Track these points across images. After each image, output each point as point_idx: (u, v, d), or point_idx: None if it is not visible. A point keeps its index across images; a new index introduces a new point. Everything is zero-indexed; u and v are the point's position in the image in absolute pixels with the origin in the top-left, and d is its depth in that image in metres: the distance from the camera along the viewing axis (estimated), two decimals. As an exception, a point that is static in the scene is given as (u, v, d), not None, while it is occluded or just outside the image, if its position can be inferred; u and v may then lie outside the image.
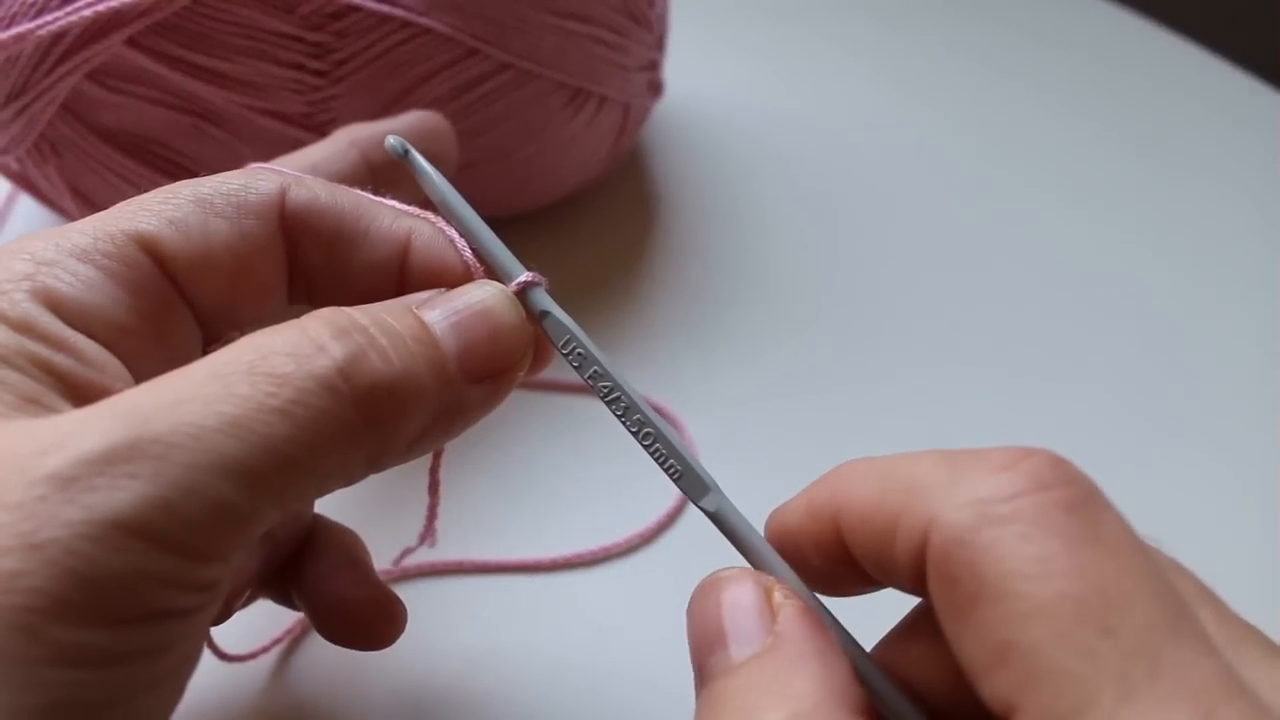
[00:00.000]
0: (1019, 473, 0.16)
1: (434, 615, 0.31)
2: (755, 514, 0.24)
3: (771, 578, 0.19)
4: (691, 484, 0.21)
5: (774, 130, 0.52)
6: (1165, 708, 0.14)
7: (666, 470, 0.22)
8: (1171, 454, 0.38)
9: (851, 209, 0.48)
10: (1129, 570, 0.15)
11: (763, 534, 0.21)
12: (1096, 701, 0.14)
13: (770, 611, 0.18)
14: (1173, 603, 0.15)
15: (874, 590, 0.20)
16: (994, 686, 0.15)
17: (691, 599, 0.20)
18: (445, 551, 0.33)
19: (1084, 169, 0.51)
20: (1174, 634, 0.14)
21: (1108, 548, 0.15)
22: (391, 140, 0.24)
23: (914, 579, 0.17)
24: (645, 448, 0.22)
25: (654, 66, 0.43)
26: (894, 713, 0.19)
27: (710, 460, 0.37)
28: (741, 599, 0.19)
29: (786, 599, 0.19)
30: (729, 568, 0.20)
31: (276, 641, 0.30)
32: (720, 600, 0.19)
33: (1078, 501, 0.16)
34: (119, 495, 0.16)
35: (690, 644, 0.19)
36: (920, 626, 0.19)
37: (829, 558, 0.19)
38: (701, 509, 0.21)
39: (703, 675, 0.18)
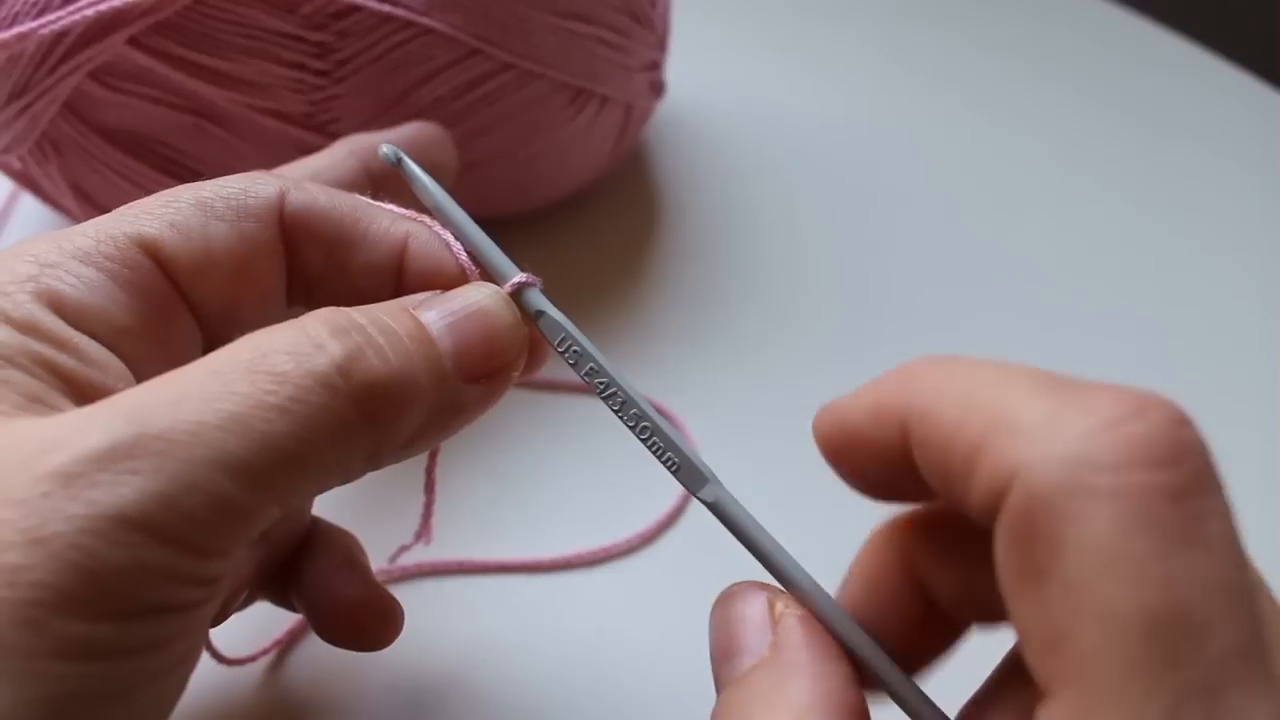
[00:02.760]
0: (1130, 436, 0.14)
1: (434, 615, 0.31)
2: (757, 512, 0.24)
3: (779, 588, 0.20)
4: (690, 475, 0.22)
5: (776, 130, 0.52)
6: None
7: (664, 463, 0.22)
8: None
9: (854, 209, 0.48)
10: (1219, 586, 0.14)
11: (816, 428, 0.19)
12: None
13: (772, 622, 0.19)
14: (1250, 629, 0.14)
15: (927, 501, 0.19)
16: (1038, 662, 0.14)
17: (711, 612, 0.20)
18: (445, 551, 0.33)
19: (1083, 169, 0.51)
20: (1243, 671, 0.13)
21: (1204, 553, 0.14)
22: (385, 149, 0.24)
23: (984, 515, 0.15)
24: (643, 441, 0.22)
25: (656, 66, 0.43)
26: (910, 708, 0.19)
27: (712, 460, 0.36)
28: (746, 611, 0.19)
29: (787, 609, 0.19)
30: (743, 582, 0.20)
31: (277, 643, 0.30)
32: (729, 614, 0.19)
33: (1187, 488, 0.14)
34: (121, 490, 0.16)
35: (710, 656, 0.19)
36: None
37: (889, 465, 0.18)
38: (700, 500, 0.21)
39: (719, 686, 0.19)
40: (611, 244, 0.45)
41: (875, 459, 0.18)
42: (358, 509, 0.33)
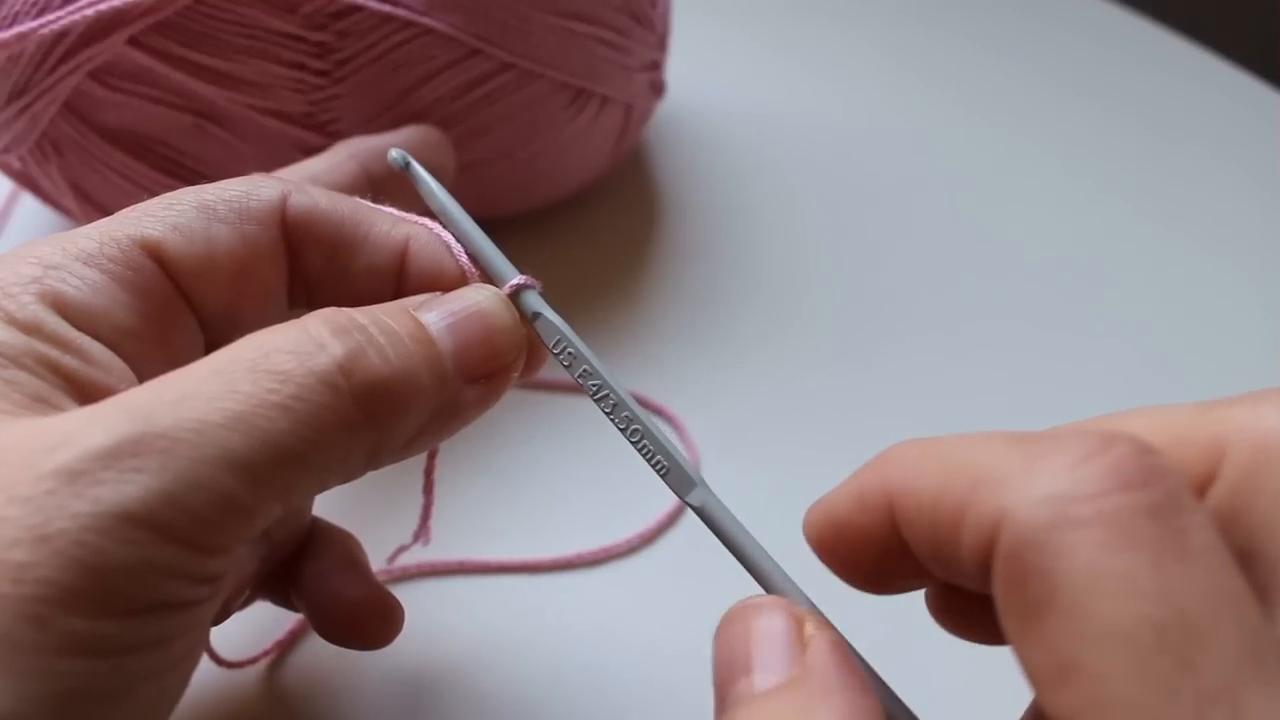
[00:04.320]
0: (1102, 466, 0.14)
1: (434, 615, 0.31)
2: (757, 513, 0.24)
3: (804, 608, 0.19)
4: (678, 479, 0.22)
5: (776, 130, 0.52)
6: None
7: (654, 466, 0.22)
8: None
9: (854, 209, 0.48)
10: (1215, 590, 0.14)
11: (806, 527, 0.19)
12: None
13: (800, 643, 0.18)
14: (1257, 629, 0.14)
15: (926, 586, 0.19)
16: (1055, 703, 0.14)
17: (720, 624, 0.19)
18: (445, 551, 0.33)
19: (1083, 169, 0.51)
20: (1258, 669, 0.13)
21: (1194, 563, 0.14)
22: (394, 153, 0.25)
23: (979, 576, 0.16)
24: (633, 444, 0.22)
25: (656, 67, 0.43)
26: None
27: (711, 460, 0.37)
28: (772, 627, 0.18)
29: (819, 630, 0.18)
30: (760, 595, 0.19)
31: (278, 644, 0.30)
32: (750, 627, 0.18)
33: (1165, 506, 0.14)
34: (125, 488, 0.17)
35: (714, 669, 0.18)
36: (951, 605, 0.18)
37: (882, 551, 0.18)
38: (688, 504, 0.22)
39: (724, 702, 0.18)
40: (611, 244, 0.45)
41: (867, 547, 0.18)
42: (358, 509, 0.33)
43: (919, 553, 0.17)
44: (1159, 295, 0.45)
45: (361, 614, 0.26)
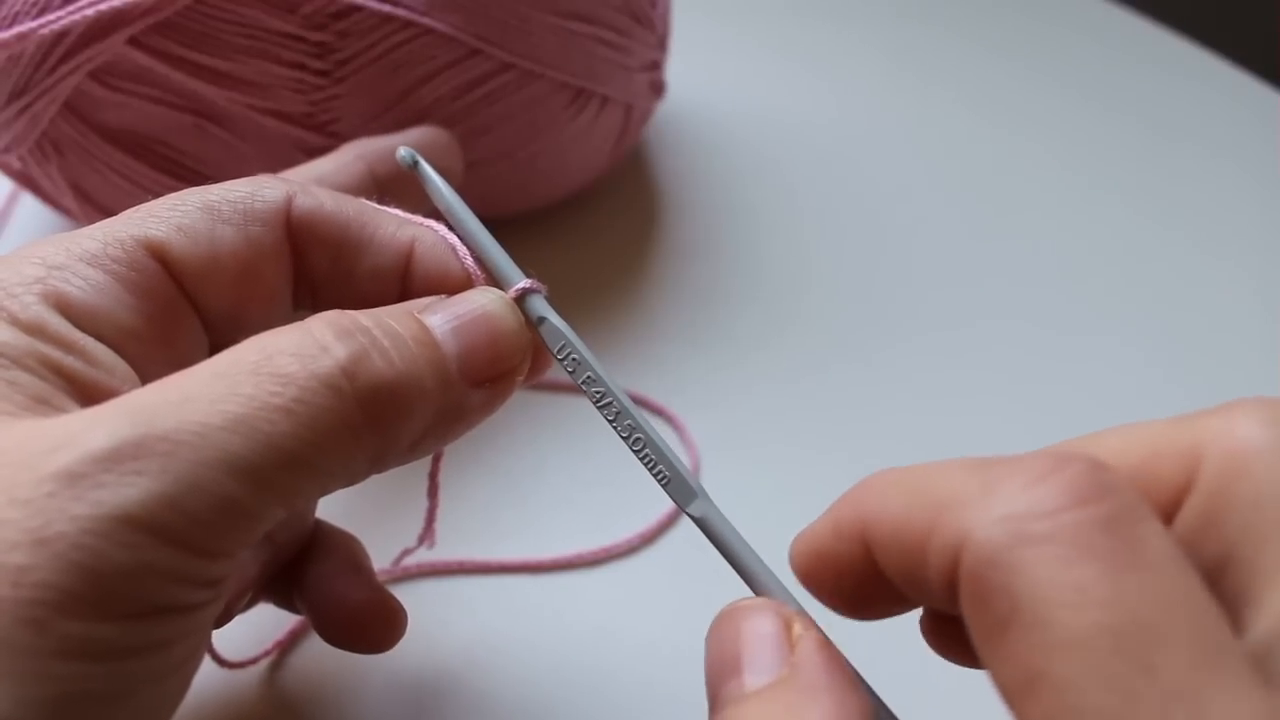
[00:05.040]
0: (1056, 485, 0.15)
1: (434, 615, 0.31)
2: (757, 513, 0.24)
3: (793, 610, 0.19)
4: (679, 489, 0.22)
5: (776, 130, 0.52)
6: None
7: (655, 475, 0.22)
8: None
9: (855, 209, 0.48)
10: (1171, 596, 0.14)
11: (791, 558, 0.20)
12: None
13: (789, 642, 0.18)
14: (1216, 631, 0.14)
15: (909, 610, 0.19)
16: (1025, 715, 0.14)
17: (711, 626, 0.19)
18: (446, 552, 0.33)
19: (1083, 169, 0.51)
20: (1218, 670, 0.14)
21: (1149, 572, 0.14)
22: (402, 152, 0.24)
23: (948, 598, 0.16)
24: (635, 453, 0.22)
25: (656, 67, 0.43)
26: None
27: (711, 460, 0.37)
28: (760, 628, 0.18)
29: (806, 631, 0.18)
30: (751, 597, 0.20)
31: (278, 644, 0.30)
32: (739, 628, 0.18)
33: (1118, 518, 0.15)
34: (126, 491, 0.16)
35: (706, 670, 0.19)
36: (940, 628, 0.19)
37: (861, 579, 0.19)
38: (688, 514, 0.21)
39: (716, 702, 0.18)
40: (611, 244, 0.45)
41: (847, 575, 0.19)
42: (361, 512, 0.33)
43: (893, 578, 0.18)
44: (1159, 295, 0.45)
45: (364, 617, 0.25)
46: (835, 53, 0.58)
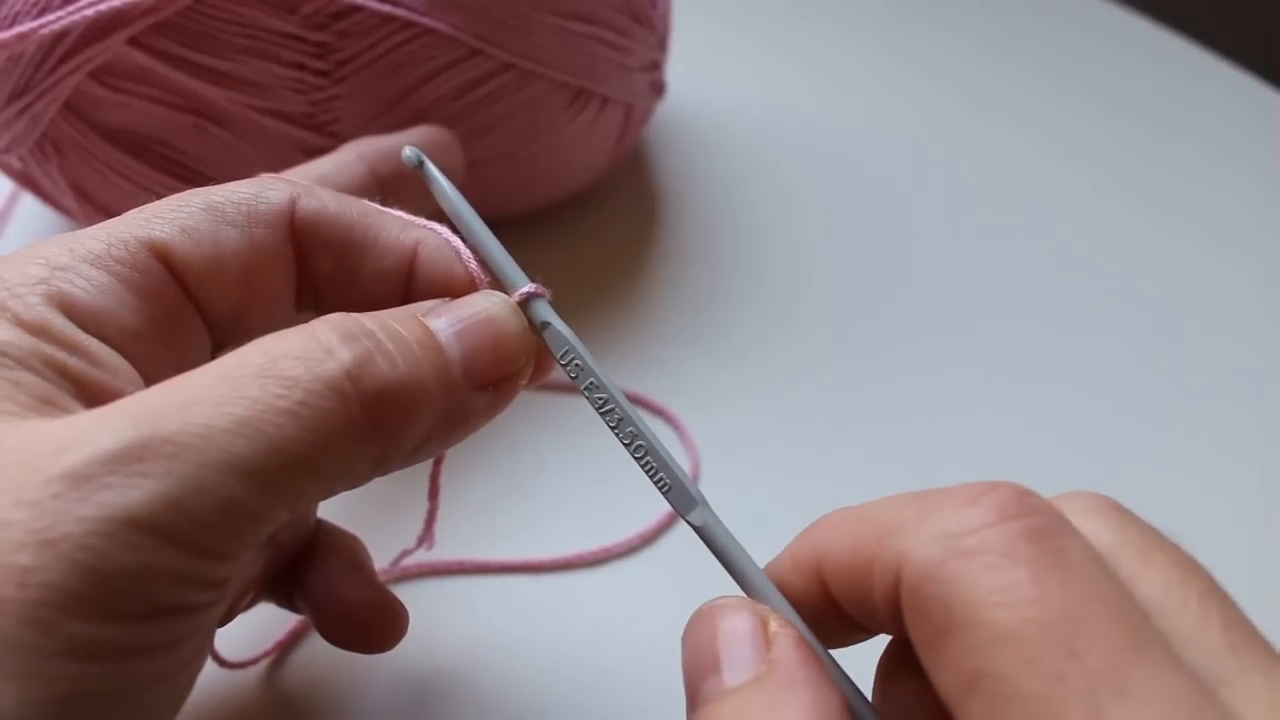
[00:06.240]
0: (984, 506, 0.16)
1: (434, 615, 0.31)
2: (757, 514, 0.24)
3: (768, 608, 0.20)
4: (679, 497, 0.22)
5: (776, 130, 0.52)
6: None
7: (656, 483, 0.22)
8: (1172, 453, 0.38)
9: (855, 209, 0.48)
10: (1092, 593, 0.15)
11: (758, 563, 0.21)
12: None
13: (765, 640, 0.18)
14: (1137, 622, 0.15)
15: (867, 639, 0.20)
16: (968, 715, 0.15)
17: (688, 625, 0.20)
18: (446, 552, 0.33)
19: (1083, 169, 0.51)
20: (1140, 653, 0.14)
21: (1071, 573, 0.15)
22: (408, 152, 0.24)
23: (893, 620, 0.17)
24: (636, 460, 0.22)
25: (656, 67, 0.43)
26: None
27: (711, 460, 0.37)
28: (737, 626, 0.19)
29: (782, 628, 0.19)
30: (727, 596, 0.20)
31: (278, 644, 0.30)
32: (716, 627, 0.19)
33: (1041, 530, 0.16)
34: (131, 493, 0.16)
35: (684, 669, 0.19)
36: (900, 667, 0.19)
37: (818, 609, 0.19)
38: (689, 523, 0.22)
39: (694, 700, 0.19)
40: (612, 244, 0.45)
41: (805, 607, 0.20)
42: (363, 512, 0.33)
43: (846, 606, 0.19)
44: (1159, 295, 0.45)
45: (366, 617, 0.25)
46: (835, 53, 0.58)
